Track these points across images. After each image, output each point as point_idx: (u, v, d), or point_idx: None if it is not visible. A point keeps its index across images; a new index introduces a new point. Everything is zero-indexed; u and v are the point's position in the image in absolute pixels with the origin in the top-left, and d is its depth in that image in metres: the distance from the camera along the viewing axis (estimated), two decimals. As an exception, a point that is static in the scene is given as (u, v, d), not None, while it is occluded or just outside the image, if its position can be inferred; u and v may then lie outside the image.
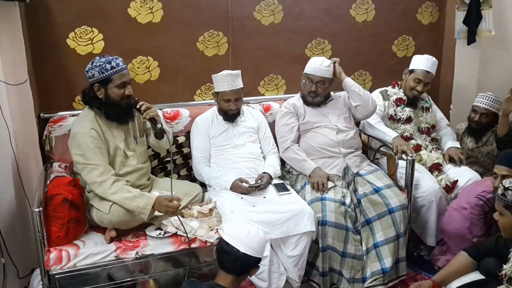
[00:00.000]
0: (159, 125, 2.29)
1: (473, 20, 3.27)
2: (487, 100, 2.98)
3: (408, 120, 2.96)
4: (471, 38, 3.31)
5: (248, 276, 1.86)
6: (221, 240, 1.84)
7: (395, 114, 2.97)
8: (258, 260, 1.83)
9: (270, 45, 3.16)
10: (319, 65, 2.70)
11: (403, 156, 2.62)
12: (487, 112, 2.98)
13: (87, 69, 2.22)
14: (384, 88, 3.09)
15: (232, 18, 3.02)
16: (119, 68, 2.20)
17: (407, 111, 2.95)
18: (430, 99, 3.16)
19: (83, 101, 2.32)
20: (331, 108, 2.82)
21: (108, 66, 2.18)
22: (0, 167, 2.30)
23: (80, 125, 2.24)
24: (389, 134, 2.83)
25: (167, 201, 2.16)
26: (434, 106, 3.18)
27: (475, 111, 3.02)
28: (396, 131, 2.92)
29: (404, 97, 2.99)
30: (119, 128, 2.33)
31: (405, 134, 2.93)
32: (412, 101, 3.00)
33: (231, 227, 1.88)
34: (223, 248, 1.79)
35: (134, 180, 2.33)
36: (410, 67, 2.98)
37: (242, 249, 1.76)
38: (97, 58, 2.22)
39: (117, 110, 2.26)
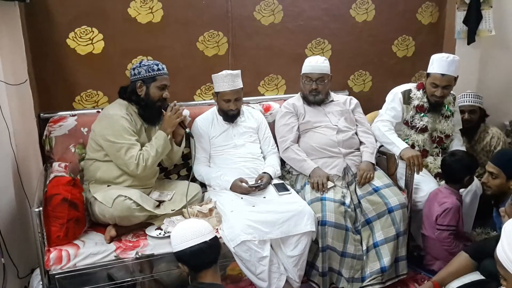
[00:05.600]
0: (187, 130, 2.44)
1: (473, 20, 3.27)
2: (469, 97, 3.08)
3: (423, 130, 2.80)
4: (471, 38, 3.32)
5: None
6: (183, 250, 1.77)
7: (412, 121, 2.82)
8: (217, 237, 1.90)
9: (270, 45, 3.16)
10: (315, 62, 2.73)
11: (415, 168, 2.57)
12: (474, 108, 3.07)
13: (133, 67, 2.39)
14: (409, 87, 2.87)
15: (232, 18, 3.02)
16: (163, 72, 2.39)
17: (424, 121, 2.78)
18: (454, 104, 2.93)
19: (119, 95, 2.44)
20: (331, 108, 2.82)
21: (155, 67, 2.37)
22: (0, 167, 2.30)
23: (115, 108, 2.36)
24: (397, 145, 2.68)
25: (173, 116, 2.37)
26: (456, 113, 2.95)
27: (462, 111, 3.07)
28: (407, 139, 2.82)
29: (426, 104, 2.79)
30: (147, 126, 2.44)
31: (416, 146, 2.80)
32: (434, 107, 2.80)
33: (177, 236, 1.82)
34: (193, 252, 1.76)
35: (143, 179, 2.38)
36: (428, 70, 2.78)
37: (207, 238, 1.80)
38: (145, 60, 2.47)
39: (151, 109, 2.39)
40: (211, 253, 1.80)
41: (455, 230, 2.51)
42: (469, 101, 3.08)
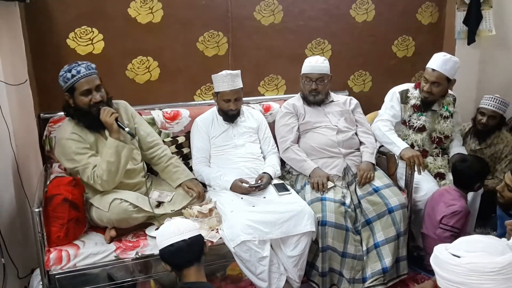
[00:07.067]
0: (126, 129, 2.22)
1: (473, 20, 3.28)
2: (495, 102, 2.95)
3: (421, 129, 2.82)
4: (471, 38, 3.32)
5: (204, 256, 1.87)
6: (164, 249, 1.81)
7: (409, 121, 2.84)
8: (201, 235, 1.87)
9: (270, 45, 3.16)
10: (315, 62, 2.73)
11: (415, 168, 2.57)
12: (495, 114, 2.96)
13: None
14: (406, 87, 2.88)
15: (232, 18, 3.02)
16: (79, 76, 2.16)
17: (422, 120, 2.80)
18: (454, 105, 2.92)
19: (63, 112, 2.31)
20: (331, 108, 2.82)
21: (68, 75, 2.16)
22: (0, 167, 2.30)
23: (61, 131, 2.27)
24: (398, 144, 2.68)
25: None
26: (456, 114, 2.96)
27: (483, 113, 2.99)
28: (406, 139, 2.83)
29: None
30: (100, 135, 2.29)
31: (415, 146, 2.81)
32: (426, 104, 2.81)
33: (159, 235, 1.86)
34: (172, 251, 1.78)
35: (125, 180, 2.32)
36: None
37: (186, 236, 1.79)
38: (66, 66, 2.20)
39: (88, 117, 2.22)
40: (189, 251, 1.79)
41: (457, 233, 2.51)
42: (493, 106, 2.95)
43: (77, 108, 2.22)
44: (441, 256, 1.32)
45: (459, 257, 1.28)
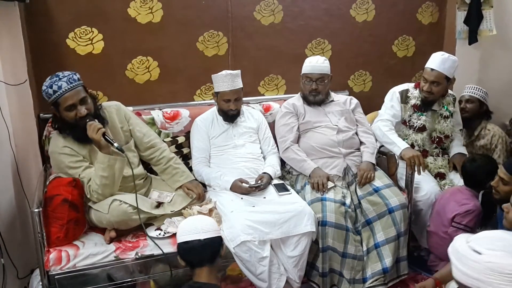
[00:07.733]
0: (115, 144, 2.12)
1: (473, 20, 3.27)
2: (470, 89, 3.11)
3: (421, 129, 2.82)
4: (472, 38, 3.31)
5: (220, 258, 1.88)
6: (179, 245, 1.84)
7: (409, 120, 2.84)
8: (220, 238, 1.88)
9: (270, 45, 3.16)
10: (315, 62, 2.73)
11: (416, 168, 2.58)
12: (471, 98, 3.09)
13: None
14: (406, 87, 2.89)
15: (232, 18, 3.02)
16: (61, 92, 2.07)
17: (422, 120, 2.80)
18: (454, 105, 2.93)
19: (52, 125, 2.26)
20: (332, 108, 2.82)
21: (50, 91, 2.08)
22: (0, 167, 2.30)
23: (53, 144, 2.22)
24: (398, 144, 2.69)
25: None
26: (456, 114, 2.97)
27: (460, 102, 3.11)
28: (406, 138, 2.83)
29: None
30: (93, 145, 2.21)
31: (415, 145, 2.80)
32: (426, 104, 2.81)
33: (181, 228, 1.88)
34: (185, 248, 1.81)
35: (124, 183, 2.30)
36: None
37: (202, 236, 1.80)
38: (48, 79, 2.12)
39: (77, 130, 2.16)
40: (202, 252, 1.79)
41: (469, 232, 2.50)
42: (468, 92, 3.10)
43: (64, 121, 2.16)
44: (460, 249, 1.30)
45: (479, 253, 1.26)
